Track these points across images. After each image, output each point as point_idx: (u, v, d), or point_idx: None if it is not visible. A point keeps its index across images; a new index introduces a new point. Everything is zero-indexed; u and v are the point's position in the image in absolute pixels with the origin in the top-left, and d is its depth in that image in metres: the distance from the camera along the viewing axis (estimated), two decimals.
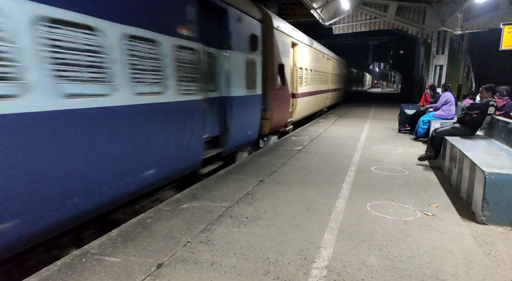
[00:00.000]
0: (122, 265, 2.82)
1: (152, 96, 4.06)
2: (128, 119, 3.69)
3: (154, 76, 4.09)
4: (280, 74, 9.25)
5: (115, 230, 3.46)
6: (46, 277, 2.63)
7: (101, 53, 3.30)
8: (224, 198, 4.42)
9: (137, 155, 3.86)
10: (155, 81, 4.10)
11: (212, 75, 5.75)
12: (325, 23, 16.15)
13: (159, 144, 4.24)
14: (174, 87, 4.45)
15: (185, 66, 4.71)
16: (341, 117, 14.50)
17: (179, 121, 4.65)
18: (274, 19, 8.80)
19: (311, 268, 2.81)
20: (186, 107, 4.75)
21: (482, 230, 3.65)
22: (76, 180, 3.10)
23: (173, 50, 4.42)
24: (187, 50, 4.75)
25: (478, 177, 3.96)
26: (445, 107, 8.75)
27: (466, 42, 17.62)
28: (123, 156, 3.65)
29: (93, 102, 3.23)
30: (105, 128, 3.39)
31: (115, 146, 3.53)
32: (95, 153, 3.28)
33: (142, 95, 3.88)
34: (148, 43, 3.94)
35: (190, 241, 3.26)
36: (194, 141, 4.99)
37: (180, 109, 4.62)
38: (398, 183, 5.22)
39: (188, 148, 4.90)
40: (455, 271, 2.80)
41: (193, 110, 4.97)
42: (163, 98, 4.24)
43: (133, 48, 3.72)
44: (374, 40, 44.96)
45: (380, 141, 8.76)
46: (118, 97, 3.51)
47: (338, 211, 4.03)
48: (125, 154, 3.68)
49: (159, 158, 4.26)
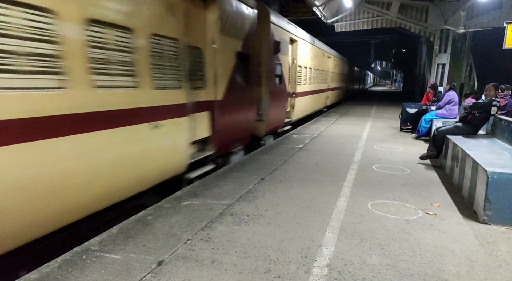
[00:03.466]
0: (122, 262, 2.81)
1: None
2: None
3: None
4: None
5: (115, 227, 3.45)
6: (47, 274, 2.63)
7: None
8: (225, 196, 4.41)
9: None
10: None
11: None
12: (327, 20, 16.08)
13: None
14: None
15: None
16: (342, 116, 14.46)
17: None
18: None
19: (312, 267, 2.80)
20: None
21: (484, 229, 3.63)
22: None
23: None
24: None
25: (480, 177, 3.94)
26: (448, 106, 8.71)
27: (469, 41, 17.55)
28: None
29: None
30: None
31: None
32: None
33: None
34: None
35: (190, 238, 3.25)
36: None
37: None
38: (400, 182, 5.20)
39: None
40: (457, 271, 2.78)
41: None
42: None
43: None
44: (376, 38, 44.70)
45: (382, 140, 8.73)
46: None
47: (339, 210, 4.02)
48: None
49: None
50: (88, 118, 3.23)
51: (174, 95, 4.58)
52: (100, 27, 3.35)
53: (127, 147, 3.79)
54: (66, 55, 3.00)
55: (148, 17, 4.05)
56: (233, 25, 6.22)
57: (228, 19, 6.00)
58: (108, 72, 3.49)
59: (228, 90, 6.06)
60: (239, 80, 6.65)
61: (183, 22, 4.71)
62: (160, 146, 4.37)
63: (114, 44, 3.54)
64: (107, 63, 3.46)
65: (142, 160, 4.04)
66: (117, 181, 3.70)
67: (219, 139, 5.84)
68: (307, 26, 15.00)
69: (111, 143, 3.56)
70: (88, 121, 3.24)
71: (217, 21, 5.60)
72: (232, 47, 6.31)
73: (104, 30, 3.40)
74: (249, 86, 7.21)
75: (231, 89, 6.17)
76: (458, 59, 17.09)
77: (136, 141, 3.93)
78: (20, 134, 2.65)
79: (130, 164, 3.85)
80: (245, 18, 6.81)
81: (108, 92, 3.48)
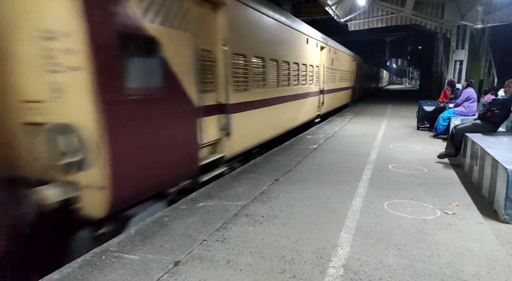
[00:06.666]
0: (140, 263, 2.87)
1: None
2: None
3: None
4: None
5: (133, 228, 3.53)
6: (68, 274, 2.71)
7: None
8: (240, 197, 4.44)
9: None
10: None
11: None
12: (340, 19, 15.96)
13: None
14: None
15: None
16: (357, 115, 14.31)
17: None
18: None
19: (328, 267, 2.79)
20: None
21: (505, 229, 3.53)
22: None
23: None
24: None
25: (500, 175, 3.84)
26: (466, 103, 8.52)
27: (488, 36, 17.07)
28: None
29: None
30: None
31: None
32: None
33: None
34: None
35: (206, 239, 3.29)
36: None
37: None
38: (417, 181, 5.11)
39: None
40: (477, 271, 2.72)
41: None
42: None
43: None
44: (391, 36, 44.13)
45: (398, 139, 8.60)
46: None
47: (354, 210, 3.99)
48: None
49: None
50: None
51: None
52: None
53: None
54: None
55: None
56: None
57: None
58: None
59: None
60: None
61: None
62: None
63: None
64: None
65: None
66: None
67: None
68: (320, 26, 14.93)
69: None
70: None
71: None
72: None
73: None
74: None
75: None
76: (476, 55, 16.66)
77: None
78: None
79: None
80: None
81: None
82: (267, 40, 7.32)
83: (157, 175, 4.00)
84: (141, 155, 3.71)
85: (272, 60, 7.57)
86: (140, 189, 3.77)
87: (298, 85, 9.54)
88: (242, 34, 6.11)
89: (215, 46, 5.29)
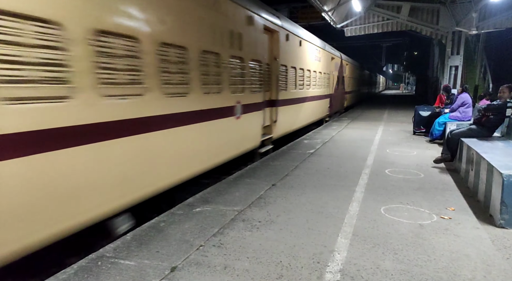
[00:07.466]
0: (136, 268, 2.85)
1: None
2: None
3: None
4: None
5: (129, 234, 3.51)
6: (63, 280, 2.69)
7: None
8: (237, 202, 4.44)
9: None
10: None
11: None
12: (337, 25, 16.08)
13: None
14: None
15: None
16: (354, 120, 14.37)
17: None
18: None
19: (325, 272, 2.79)
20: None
21: (501, 233, 3.55)
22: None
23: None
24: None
25: (496, 180, 3.86)
26: (461, 109, 8.59)
27: (482, 42, 17.27)
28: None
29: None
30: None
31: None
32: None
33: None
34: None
35: (203, 244, 3.28)
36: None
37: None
38: (413, 186, 5.13)
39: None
40: (473, 276, 2.73)
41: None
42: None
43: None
44: (387, 42, 44.53)
45: (395, 144, 8.64)
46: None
47: (351, 215, 3.99)
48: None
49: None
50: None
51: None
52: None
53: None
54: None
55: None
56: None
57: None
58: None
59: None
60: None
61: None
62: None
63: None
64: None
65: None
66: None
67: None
68: (316, 31, 15.03)
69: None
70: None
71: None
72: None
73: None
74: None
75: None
76: (471, 60, 16.83)
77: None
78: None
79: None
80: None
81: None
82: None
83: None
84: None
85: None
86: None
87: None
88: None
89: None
